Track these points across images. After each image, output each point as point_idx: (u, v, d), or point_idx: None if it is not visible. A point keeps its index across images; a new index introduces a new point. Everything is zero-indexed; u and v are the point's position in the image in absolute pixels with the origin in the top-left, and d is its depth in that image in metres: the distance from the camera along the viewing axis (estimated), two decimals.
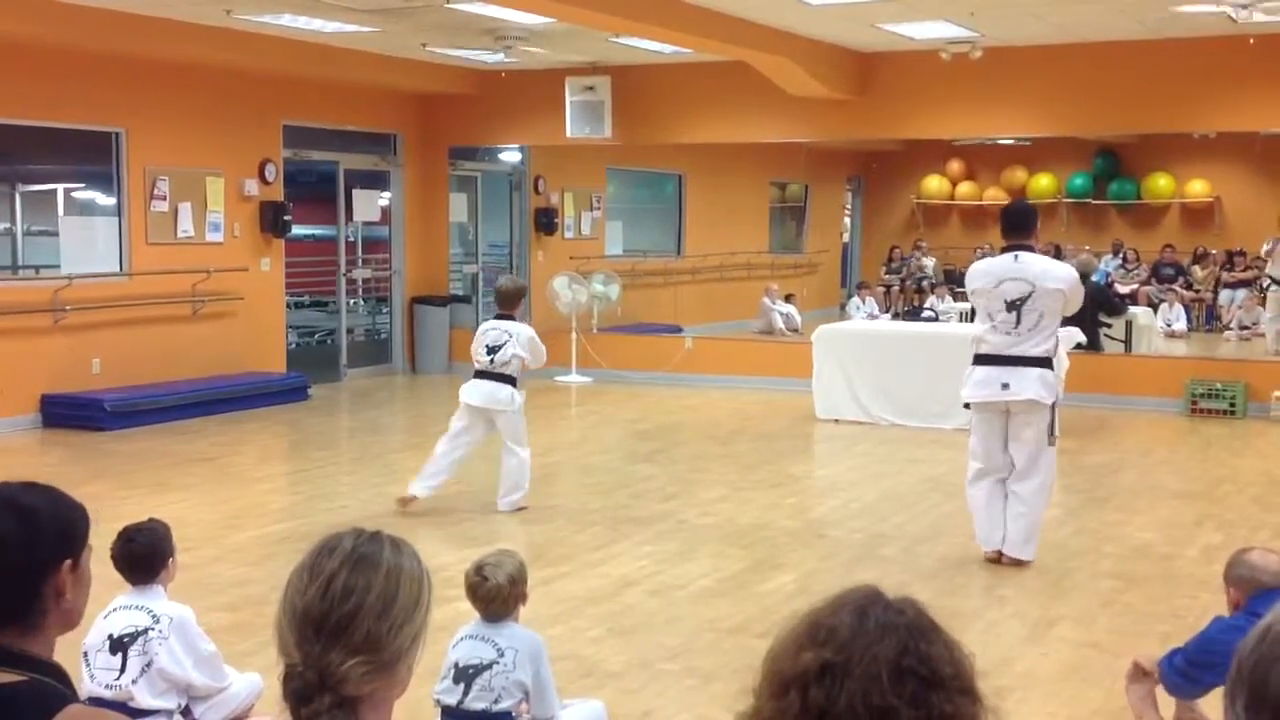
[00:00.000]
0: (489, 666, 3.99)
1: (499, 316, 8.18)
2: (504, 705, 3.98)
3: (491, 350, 8.00)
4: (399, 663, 1.82)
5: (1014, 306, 6.66)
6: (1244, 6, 10.00)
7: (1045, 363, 6.74)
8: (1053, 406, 6.81)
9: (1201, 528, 7.97)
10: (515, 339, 7.99)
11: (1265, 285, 15.11)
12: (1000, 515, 6.97)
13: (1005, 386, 6.71)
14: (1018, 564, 7.01)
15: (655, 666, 5.42)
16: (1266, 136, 18.37)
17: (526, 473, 8.26)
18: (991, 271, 6.87)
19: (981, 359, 6.80)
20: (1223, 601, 4.05)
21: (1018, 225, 6.94)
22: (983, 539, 7.07)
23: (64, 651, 3.20)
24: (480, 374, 8.07)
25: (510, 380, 8.02)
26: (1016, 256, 6.76)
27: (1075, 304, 6.92)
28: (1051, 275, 6.77)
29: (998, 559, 7.01)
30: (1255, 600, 3.54)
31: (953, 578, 7.12)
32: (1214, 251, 20.51)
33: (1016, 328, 6.66)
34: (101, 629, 4.04)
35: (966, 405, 7.04)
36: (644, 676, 5.31)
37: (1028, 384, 6.69)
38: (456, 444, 8.20)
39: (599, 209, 18.04)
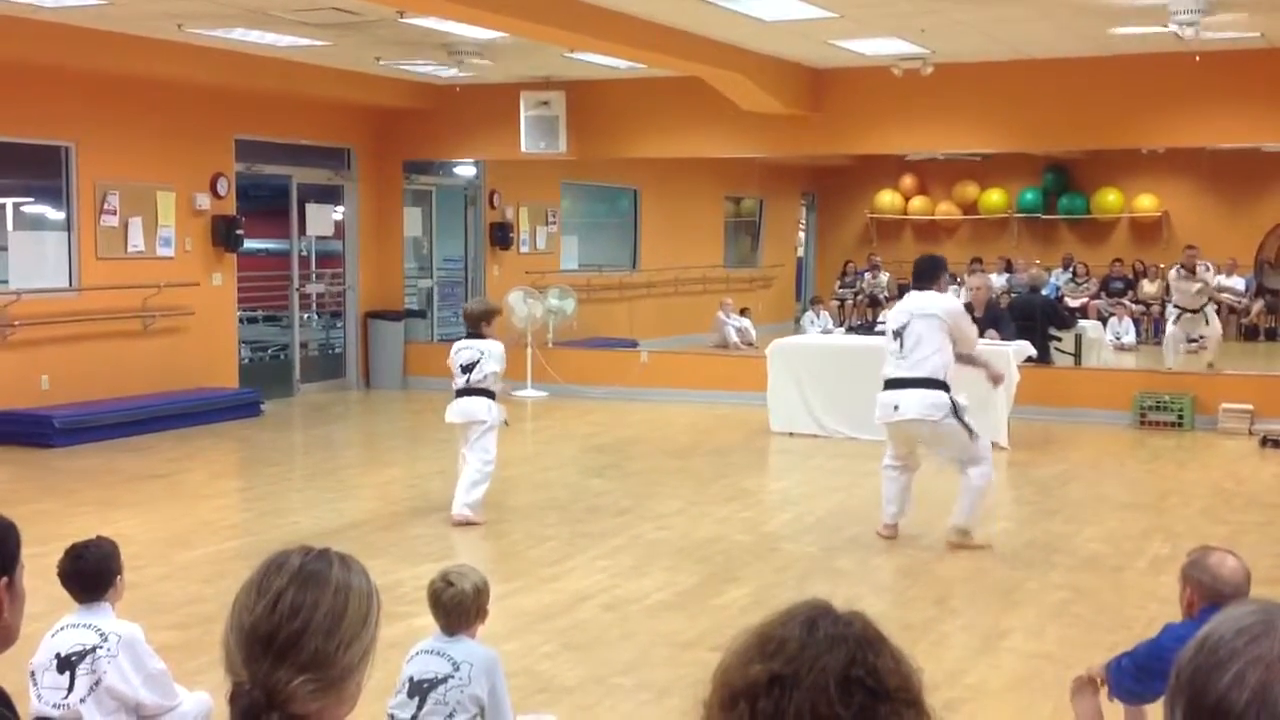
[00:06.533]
0: (444, 680, 3.97)
1: (469, 336, 8.49)
2: None
3: (466, 369, 8.34)
4: (347, 680, 1.81)
5: (897, 335, 7.62)
6: (1189, 25, 10.14)
7: (929, 384, 7.50)
8: (955, 412, 7.49)
9: (1150, 539, 8.07)
10: (488, 355, 8.31)
11: (1178, 315, 15.30)
12: (900, 496, 7.95)
13: (895, 408, 7.65)
14: (963, 535, 7.63)
15: (609, 681, 5.42)
16: (1213, 152, 18.67)
17: (481, 482, 8.35)
18: (892, 310, 8.02)
19: (885, 384, 7.75)
20: (1172, 612, 4.08)
21: (921, 273, 7.94)
22: (883, 510, 7.98)
23: (9, 672, 3.17)
24: (459, 392, 8.39)
25: (487, 394, 8.37)
26: (909, 294, 7.89)
27: (963, 332, 7.73)
28: (929, 305, 7.61)
29: (891, 535, 7.93)
30: (1209, 610, 3.53)
31: (905, 590, 7.17)
32: (1161, 265, 20.77)
33: (900, 352, 7.56)
34: (49, 648, 3.98)
35: None
36: (598, 692, 5.31)
37: (912, 404, 7.55)
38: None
39: (554, 224, 18.05)
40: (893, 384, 7.68)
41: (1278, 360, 18.16)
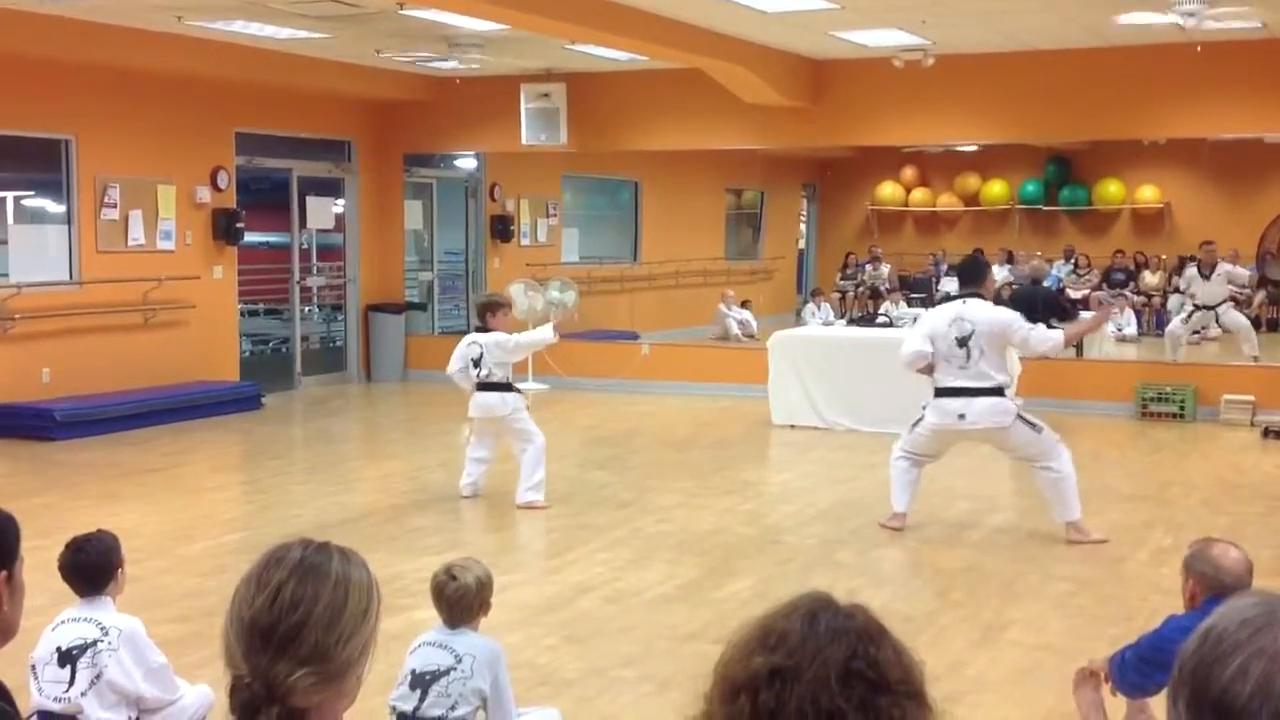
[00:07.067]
0: (446, 673, 3.97)
1: (477, 329, 8.75)
2: (460, 712, 3.96)
3: (475, 364, 8.52)
4: (347, 673, 1.81)
5: (963, 343, 7.56)
6: (1191, 14, 10.12)
7: (995, 391, 7.59)
8: (1018, 417, 7.65)
9: (1152, 530, 8.06)
10: (485, 348, 8.46)
11: (1190, 312, 15.00)
12: (913, 487, 7.96)
13: (961, 417, 7.61)
14: (1076, 529, 7.62)
15: (611, 674, 5.42)
16: (1215, 143, 18.63)
17: (540, 464, 8.59)
18: (944, 315, 7.81)
19: (941, 391, 7.67)
20: (1174, 603, 4.08)
21: (967, 277, 8.11)
22: (895, 501, 7.92)
23: (9, 666, 3.17)
24: (479, 386, 8.58)
25: (501, 387, 8.54)
26: (965, 302, 7.73)
27: (1011, 338, 7.71)
28: (984, 319, 7.61)
29: (900, 526, 7.88)
30: (1211, 601, 3.50)
31: (907, 582, 7.18)
32: (1163, 257, 20.74)
33: (966, 362, 7.55)
34: (50, 641, 3.98)
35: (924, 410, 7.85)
36: (600, 684, 5.31)
37: (982, 413, 7.58)
38: (480, 443, 8.80)
39: (555, 216, 18.02)
40: (954, 392, 7.59)
41: (1279, 351, 18.13)
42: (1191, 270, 15.07)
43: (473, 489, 8.80)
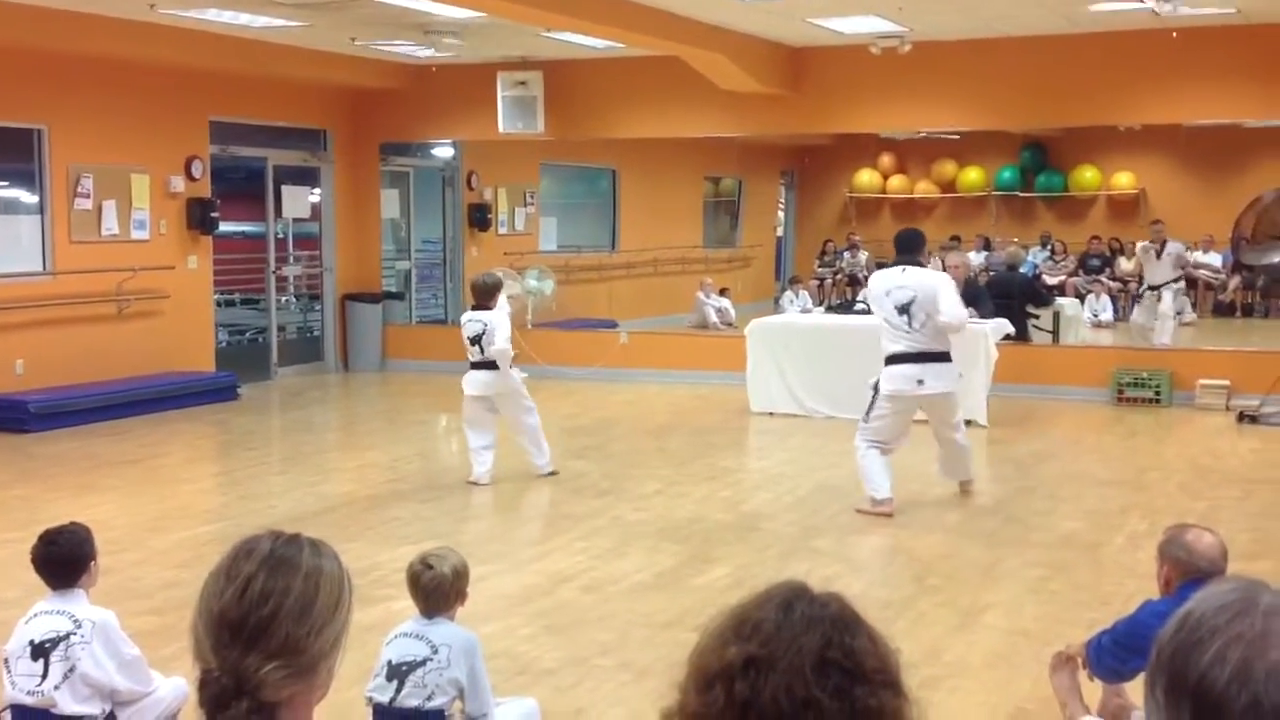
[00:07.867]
0: (422, 663, 3.96)
1: (475, 308, 8.82)
2: (437, 703, 3.95)
3: (474, 341, 8.64)
4: (319, 666, 1.79)
5: (903, 310, 7.73)
6: (1166, 1, 10.15)
7: (946, 356, 7.83)
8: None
9: (1127, 516, 8.09)
10: (488, 327, 8.59)
11: (1141, 291, 15.53)
12: (888, 472, 7.98)
13: (920, 382, 7.76)
14: (968, 484, 8.35)
15: (589, 663, 5.41)
16: (1190, 129, 18.70)
17: (540, 435, 8.90)
18: (881, 283, 8.01)
19: (893, 359, 7.81)
20: (1150, 588, 4.09)
21: (907, 246, 8.14)
22: (878, 488, 7.93)
23: None
24: (474, 365, 8.70)
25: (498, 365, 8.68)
26: (904, 270, 7.88)
27: (941, 300, 7.78)
28: (924, 284, 7.80)
29: (891, 513, 7.88)
30: (1187, 586, 3.53)
31: (884, 568, 7.19)
32: (1137, 243, 20.82)
33: (910, 328, 7.70)
34: (22, 635, 3.95)
35: (875, 389, 8.00)
36: (578, 673, 5.30)
37: (940, 377, 7.80)
38: (478, 431, 8.84)
39: (532, 204, 17.98)
40: (906, 358, 7.74)
41: (1254, 336, 18.23)
42: (1145, 252, 15.46)
43: (490, 476, 8.84)
